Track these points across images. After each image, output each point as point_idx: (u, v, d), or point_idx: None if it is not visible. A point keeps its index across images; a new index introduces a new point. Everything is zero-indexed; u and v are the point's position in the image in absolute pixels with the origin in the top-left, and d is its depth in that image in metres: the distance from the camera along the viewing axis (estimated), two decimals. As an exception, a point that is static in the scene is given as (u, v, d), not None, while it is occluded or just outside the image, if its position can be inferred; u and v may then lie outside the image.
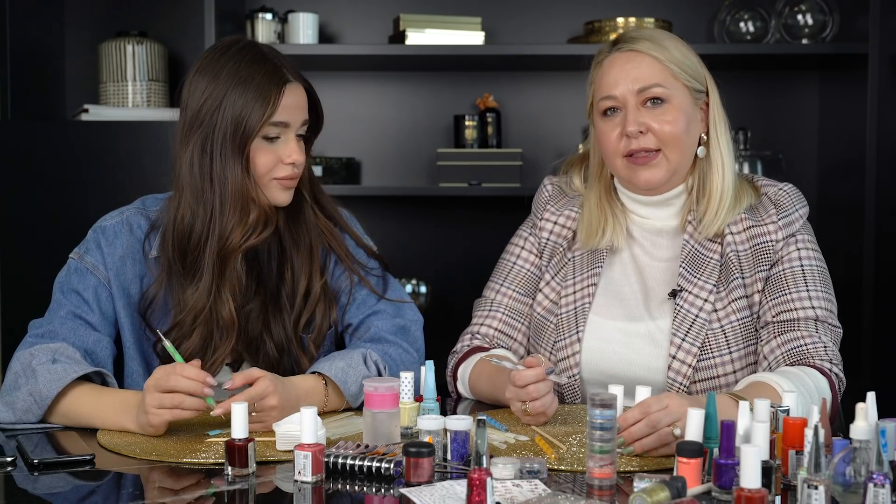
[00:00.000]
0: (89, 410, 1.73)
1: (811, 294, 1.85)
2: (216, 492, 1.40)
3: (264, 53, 1.86)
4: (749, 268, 1.90)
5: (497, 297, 2.04)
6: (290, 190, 1.88)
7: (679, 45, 1.93)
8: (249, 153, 1.82)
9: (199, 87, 1.83)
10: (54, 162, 2.95)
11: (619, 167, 1.92)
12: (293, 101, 1.85)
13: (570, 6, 3.46)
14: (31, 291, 2.91)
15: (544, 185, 2.09)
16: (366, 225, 2.11)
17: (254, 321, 1.90)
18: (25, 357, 1.78)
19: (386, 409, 1.56)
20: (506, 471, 1.41)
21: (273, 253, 1.93)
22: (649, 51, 1.89)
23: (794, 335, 1.82)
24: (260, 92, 1.81)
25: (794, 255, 1.89)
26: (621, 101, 1.89)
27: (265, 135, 1.83)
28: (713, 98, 1.94)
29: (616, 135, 1.90)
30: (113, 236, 1.90)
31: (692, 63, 1.92)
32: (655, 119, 1.88)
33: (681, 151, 1.90)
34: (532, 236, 2.06)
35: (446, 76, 3.51)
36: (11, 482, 1.47)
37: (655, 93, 1.88)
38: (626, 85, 1.88)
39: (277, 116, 1.82)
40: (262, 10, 3.27)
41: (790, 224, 1.90)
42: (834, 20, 3.28)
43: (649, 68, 1.89)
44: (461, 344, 2.03)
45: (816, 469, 1.25)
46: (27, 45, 3.18)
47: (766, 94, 3.47)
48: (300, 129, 1.88)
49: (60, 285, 1.89)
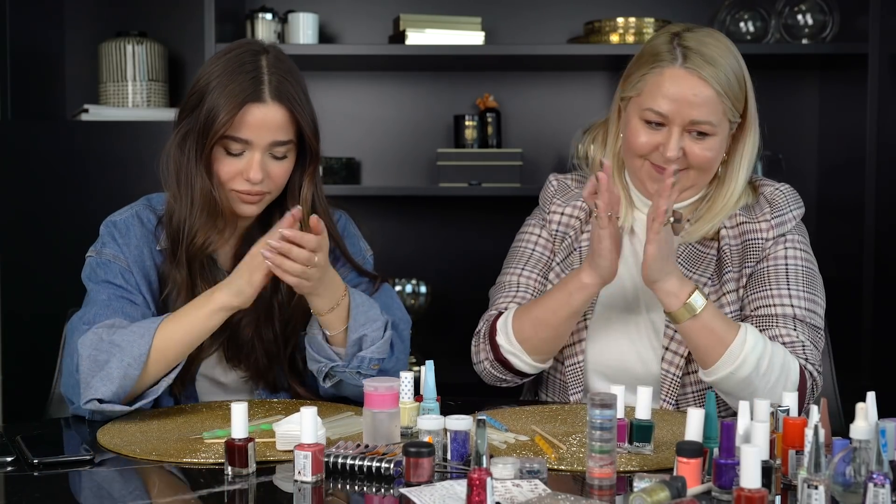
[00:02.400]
0: (185, 327, 1.77)
1: (792, 293, 1.86)
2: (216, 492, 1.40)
3: (259, 65, 1.84)
4: (738, 263, 1.91)
5: (521, 279, 2.01)
6: (255, 205, 1.87)
7: (734, 62, 1.89)
8: (211, 157, 1.83)
9: (205, 71, 1.86)
10: (54, 162, 2.95)
11: (638, 167, 1.92)
12: (259, 120, 1.81)
13: (570, 6, 3.46)
14: (32, 291, 2.92)
15: (550, 182, 2.09)
16: (366, 225, 2.11)
17: (244, 328, 1.91)
18: (91, 339, 1.77)
19: (386, 409, 1.55)
20: (506, 471, 1.41)
21: None
22: (712, 81, 1.85)
23: (773, 332, 1.84)
24: (228, 101, 1.80)
25: (781, 253, 1.90)
26: (670, 121, 1.86)
27: (226, 147, 1.82)
28: (750, 123, 1.92)
29: (650, 143, 1.88)
30: (125, 229, 1.92)
31: (739, 88, 1.89)
32: (696, 146, 1.87)
33: (706, 175, 1.91)
34: (544, 226, 2.06)
35: (446, 76, 3.51)
36: (11, 482, 1.47)
37: (705, 129, 1.86)
38: (681, 111, 1.85)
39: (235, 131, 1.81)
40: (262, 10, 3.27)
41: (783, 224, 1.91)
42: (834, 20, 3.28)
43: (707, 104, 1.85)
44: (487, 315, 1.99)
45: (816, 469, 1.25)
46: (27, 45, 3.18)
47: (766, 94, 3.42)
48: (272, 149, 1.84)
49: (89, 278, 1.90)
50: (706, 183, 1.93)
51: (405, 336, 1.98)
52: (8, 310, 2.93)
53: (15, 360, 2.93)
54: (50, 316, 2.36)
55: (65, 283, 2.05)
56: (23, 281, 2.92)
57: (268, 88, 1.82)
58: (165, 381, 1.79)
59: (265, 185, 1.85)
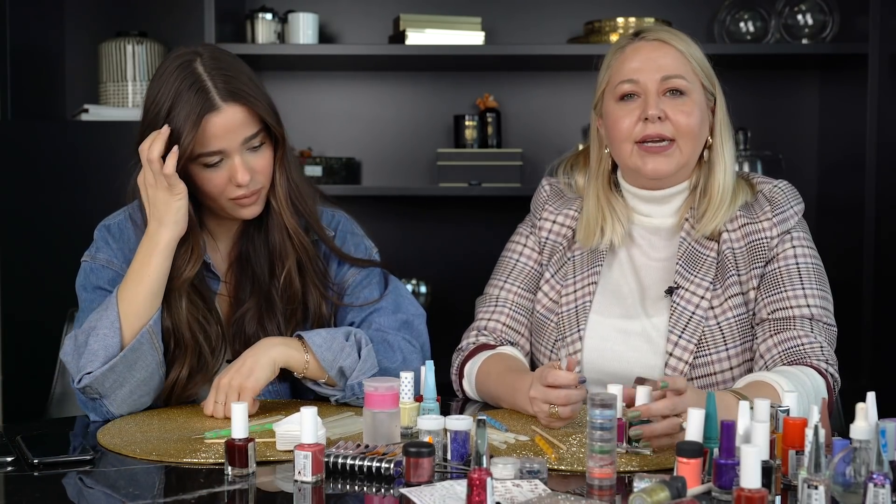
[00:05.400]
0: (144, 281, 1.80)
1: (807, 292, 1.86)
2: (216, 492, 1.40)
3: (196, 76, 1.80)
4: (745, 265, 1.90)
5: (502, 293, 2.03)
6: (254, 206, 1.87)
7: (698, 45, 1.96)
8: (191, 174, 1.82)
9: (150, 96, 1.84)
10: (54, 162, 2.95)
11: (628, 154, 1.91)
12: (221, 127, 1.79)
13: (570, 6, 3.47)
14: (32, 291, 2.92)
15: (542, 186, 2.09)
16: (366, 225, 2.10)
17: (249, 321, 1.92)
18: (69, 341, 1.84)
19: (386, 409, 1.55)
20: (506, 471, 1.41)
21: (263, 254, 1.93)
22: (675, 43, 1.92)
23: (791, 334, 1.83)
24: (185, 122, 1.77)
25: (790, 252, 1.89)
26: (643, 87, 1.89)
27: (204, 163, 1.81)
28: (720, 101, 1.95)
29: (631, 120, 1.89)
30: (119, 232, 1.94)
31: (707, 65, 1.95)
32: (675, 109, 1.88)
33: (693, 145, 1.91)
34: (532, 234, 2.06)
35: (446, 76, 3.51)
36: (11, 482, 1.47)
37: (678, 84, 1.89)
38: (651, 72, 1.89)
39: (207, 146, 1.80)
40: (262, 10, 3.27)
41: (785, 221, 1.91)
42: (834, 20, 3.28)
43: (675, 59, 1.90)
44: (466, 340, 2.02)
45: (816, 469, 1.25)
46: (27, 45, 3.18)
47: (766, 94, 3.47)
48: (245, 145, 1.82)
49: (82, 287, 1.92)
50: (692, 158, 1.92)
51: (421, 331, 1.98)
52: (8, 310, 2.93)
53: (15, 360, 2.94)
54: (50, 316, 2.36)
55: (65, 283, 2.05)
56: (23, 281, 2.92)
57: (216, 94, 1.79)
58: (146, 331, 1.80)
59: (255, 182, 1.84)
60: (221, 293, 1.95)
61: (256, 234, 1.94)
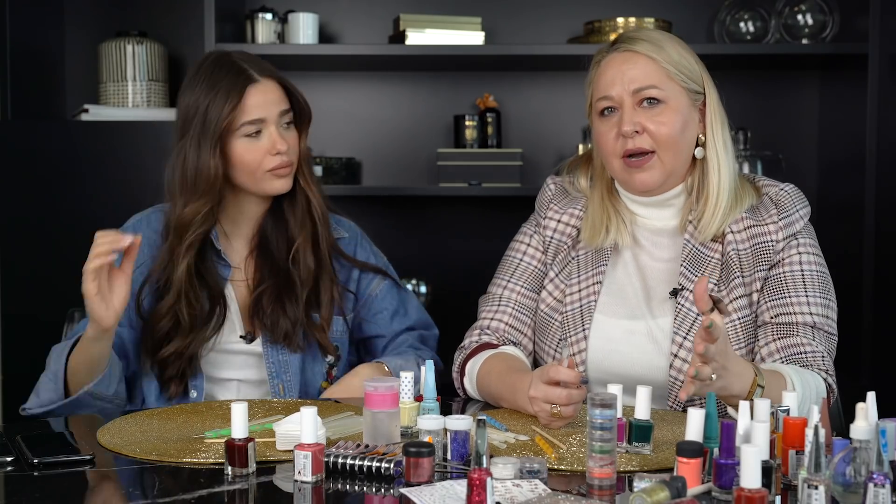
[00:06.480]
0: (83, 356, 1.86)
1: (810, 300, 1.85)
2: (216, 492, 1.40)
3: (232, 60, 1.99)
4: (749, 267, 1.90)
5: (505, 292, 2.03)
6: (287, 178, 2.01)
7: (677, 45, 1.92)
8: (229, 150, 1.96)
9: (184, 102, 1.99)
10: (54, 162, 2.95)
11: (616, 168, 1.92)
12: (261, 97, 1.97)
13: (570, 6, 3.46)
14: (32, 291, 2.92)
15: (547, 185, 2.09)
16: (366, 225, 2.11)
17: (267, 300, 2.02)
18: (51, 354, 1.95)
19: (386, 409, 1.55)
20: (506, 471, 1.41)
21: (282, 236, 2.06)
22: (646, 51, 1.89)
23: (794, 340, 1.83)
24: (228, 95, 1.94)
25: (796, 258, 1.89)
26: (617, 101, 1.89)
27: (245, 133, 1.96)
28: (711, 99, 1.93)
29: (613, 135, 1.89)
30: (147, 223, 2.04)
31: (689, 64, 1.92)
32: (650, 120, 1.87)
33: (675, 153, 1.90)
34: (536, 234, 2.06)
35: (446, 76, 3.51)
36: (11, 482, 1.47)
37: (651, 94, 1.88)
38: (622, 85, 1.88)
39: (248, 115, 1.96)
40: (262, 10, 3.27)
41: (791, 224, 1.90)
42: (834, 20, 3.28)
43: (644, 69, 1.89)
44: (469, 339, 2.02)
45: (816, 469, 1.25)
46: (27, 45, 3.18)
47: (766, 94, 3.47)
48: (280, 119, 2.00)
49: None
50: (679, 164, 1.91)
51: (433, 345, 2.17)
52: (8, 309, 2.93)
53: (15, 360, 2.94)
54: (50, 315, 2.36)
55: (65, 283, 2.05)
56: (23, 280, 2.92)
57: (254, 70, 1.98)
58: (86, 388, 1.88)
59: (290, 153, 2.00)
60: (236, 279, 2.05)
61: (276, 221, 2.06)
